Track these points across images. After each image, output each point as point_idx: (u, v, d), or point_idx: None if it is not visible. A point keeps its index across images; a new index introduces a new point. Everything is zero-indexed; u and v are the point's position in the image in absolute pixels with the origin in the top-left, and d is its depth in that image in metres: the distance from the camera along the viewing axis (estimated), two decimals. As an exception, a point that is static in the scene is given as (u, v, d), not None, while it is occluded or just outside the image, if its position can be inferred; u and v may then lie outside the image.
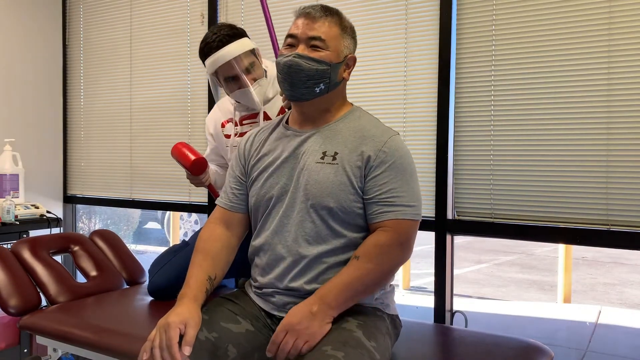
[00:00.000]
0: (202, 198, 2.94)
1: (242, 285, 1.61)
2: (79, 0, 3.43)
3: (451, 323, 2.29)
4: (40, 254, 2.17)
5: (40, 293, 2.08)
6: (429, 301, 3.28)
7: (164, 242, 7.78)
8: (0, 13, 3.16)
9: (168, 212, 7.49)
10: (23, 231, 2.87)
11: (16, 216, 2.86)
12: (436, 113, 2.26)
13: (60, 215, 3.32)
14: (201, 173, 1.94)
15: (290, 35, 1.45)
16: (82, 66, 3.44)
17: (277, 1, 2.59)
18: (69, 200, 3.52)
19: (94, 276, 2.25)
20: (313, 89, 1.42)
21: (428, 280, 5.59)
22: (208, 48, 1.90)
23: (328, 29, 1.42)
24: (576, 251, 6.28)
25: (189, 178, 1.98)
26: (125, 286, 2.33)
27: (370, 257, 1.37)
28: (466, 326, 2.17)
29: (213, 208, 1.62)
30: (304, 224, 1.41)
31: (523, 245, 7.66)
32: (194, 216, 7.49)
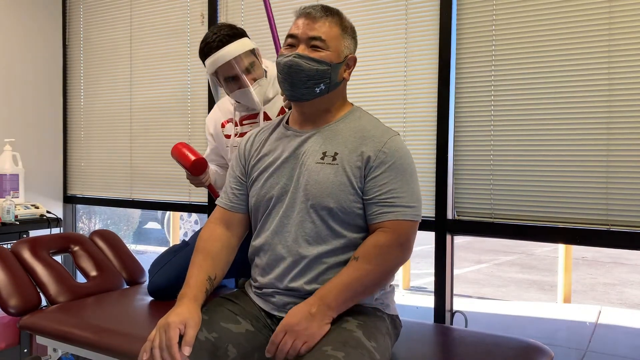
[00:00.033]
0: (202, 198, 2.94)
1: (242, 285, 1.61)
2: (79, 0, 3.43)
3: (451, 323, 2.29)
4: (40, 254, 2.17)
5: (40, 293, 2.08)
6: (429, 301, 3.28)
7: (164, 242, 7.78)
8: (0, 13, 3.17)
9: (168, 212, 7.49)
10: (23, 231, 2.87)
11: (16, 216, 2.86)
12: (436, 113, 2.26)
13: (60, 215, 3.32)
14: (201, 173, 1.95)
15: (290, 35, 1.45)
16: (82, 66, 3.44)
17: (278, 1, 2.59)
18: (69, 200, 3.52)
19: (94, 276, 2.25)
20: (313, 89, 1.42)
21: (428, 280, 5.59)
22: (208, 48, 1.90)
23: (328, 29, 1.42)
24: (576, 251, 6.28)
25: (189, 178, 1.98)
26: (125, 286, 2.33)
27: (369, 258, 1.37)
28: (466, 326, 2.17)
29: (213, 208, 1.62)
30: (304, 224, 1.41)
31: (523, 245, 7.66)
32: (194, 216, 7.49)
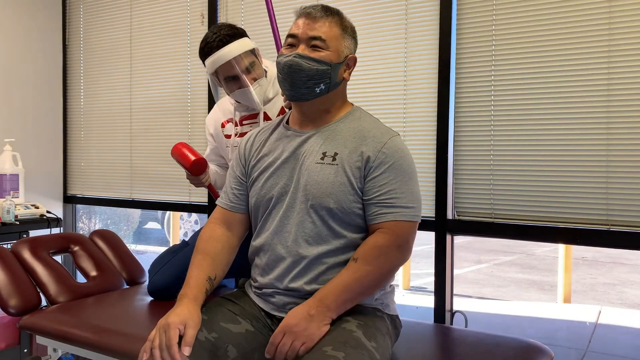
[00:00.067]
0: (202, 198, 2.94)
1: (242, 285, 1.61)
2: (79, 0, 3.43)
3: (451, 323, 2.29)
4: (40, 254, 2.17)
5: (40, 293, 2.09)
6: (429, 301, 3.28)
7: (164, 242, 7.78)
8: (0, 13, 3.17)
9: (168, 212, 7.49)
10: (23, 231, 2.87)
11: (16, 216, 2.86)
12: (436, 113, 2.26)
13: (60, 215, 3.32)
14: (201, 173, 1.95)
15: (290, 35, 1.45)
16: (82, 66, 3.44)
17: (279, 1, 2.59)
18: (69, 200, 3.52)
19: (94, 276, 2.25)
20: (313, 89, 1.42)
21: (428, 280, 5.59)
22: (208, 48, 1.90)
23: (329, 29, 1.42)
24: (576, 251, 6.28)
25: (189, 178, 1.98)
26: (125, 286, 2.33)
27: (368, 260, 1.37)
28: (466, 326, 2.17)
29: (213, 208, 1.62)
30: (304, 225, 1.41)
31: (523, 245, 7.66)
32: (194, 216, 7.49)
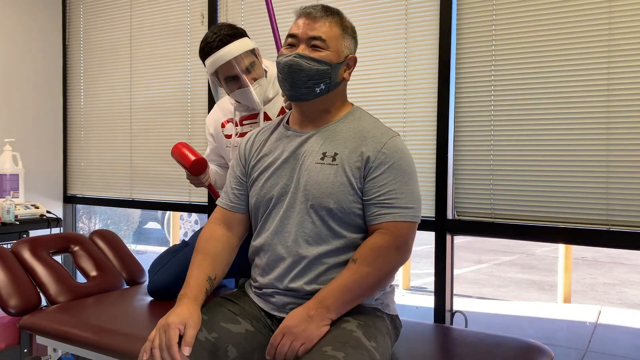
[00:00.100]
0: (202, 198, 2.94)
1: (242, 285, 1.61)
2: (79, 0, 3.43)
3: (451, 323, 2.29)
4: (40, 254, 2.17)
5: (40, 293, 2.08)
6: (429, 301, 3.28)
7: (164, 242, 7.78)
8: (0, 13, 3.17)
9: (168, 212, 7.49)
10: (23, 231, 2.87)
11: (16, 216, 2.86)
12: (436, 113, 2.26)
13: (60, 215, 3.32)
14: (201, 173, 1.95)
15: (290, 35, 1.45)
16: (82, 66, 3.44)
17: (279, 1, 2.59)
18: (69, 200, 3.52)
19: (94, 276, 2.25)
20: (313, 89, 1.42)
21: (428, 280, 5.59)
22: (208, 48, 1.90)
23: (329, 29, 1.42)
24: (576, 251, 6.28)
25: (189, 178, 1.98)
26: (125, 286, 2.33)
27: (367, 261, 1.37)
28: (466, 326, 2.17)
29: (213, 208, 1.62)
30: (304, 225, 1.41)
31: (523, 245, 7.66)
32: (194, 216, 7.49)
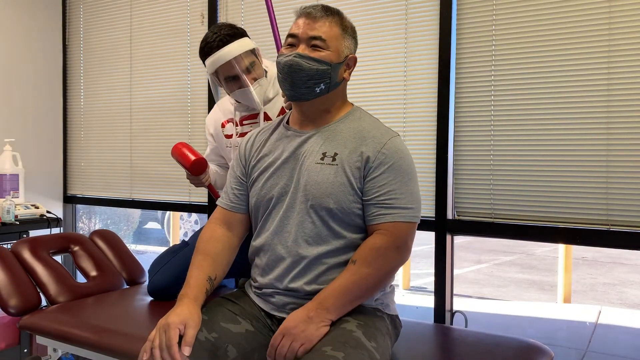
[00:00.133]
0: (202, 198, 2.94)
1: (242, 285, 1.61)
2: (79, 0, 3.43)
3: (451, 323, 2.29)
4: (40, 254, 2.17)
5: (40, 293, 2.08)
6: (429, 301, 3.28)
7: (164, 242, 7.78)
8: (0, 13, 3.17)
9: (168, 212, 7.49)
10: (23, 231, 2.87)
11: (16, 216, 2.86)
12: (436, 113, 2.26)
13: (60, 215, 3.32)
14: (201, 173, 1.95)
15: (290, 34, 1.45)
16: (82, 66, 3.44)
17: (279, 1, 2.59)
18: (69, 200, 3.52)
19: (94, 276, 2.25)
20: (313, 89, 1.42)
21: (428, 280, 5.59)
22: (208, 47, 1.89)
23: (329, 29, 1.42)
24: (576, 251, 6.28)
25: (189, 178, 1.98)
26: (125, 286, 2.33)
27: (367, 262, 1.37)
28: (466, 326, 2.17)
29: (213, 208, 1.62)
30: (304, 225, 1.41)
31: (523, 245, 7.66)
32: (194, 216, 7.49)
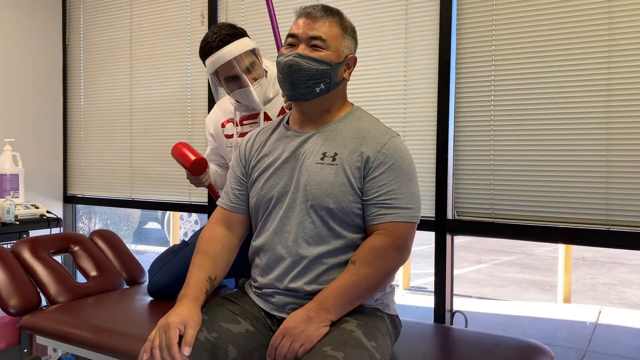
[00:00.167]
0: (202, 198, 2.94)
1: (242, 285, 1.61)
2: (79, 0, 3.43)
3: (451, 323, 2.29)
4: (40, 254, 2.17)
5: (40, 293, 2.08)
6: (429, 301, 3.28)
7: (164, 242, 7.78)
8: (0, 13, 3.16)
9: (168, 212, 7.49)
10: (23, 231, 2.87)
11: (16, 216, 2.86)
12: (436, 113, 2.26)
13: (60, 215, 3.32)
14: (201, 173, 1.95)
15: (290, 34, 1.45)
16: (82, 66, 3.44)
17: (279, 1, 2.59)
18: (69, 200, 3.52)
19: (94, 276, 2.25)
20: (313, 89, 1.42)
21: (428, 280, 5.59)
22: (209, 47, 1.89)
23: (329, 29, 1.42)
24: (576, 251, 6.28)
25: (189, 178, 1.98)
26: (125, 286, 2.33)
27: (367, 262, 1.37)
28: (466, 326, 2.17)
29: (213, 208, 1.62)
30: (304, 225, 1.41)
31: (523, 245, 7.66)
32: (194, 216, 7.49)
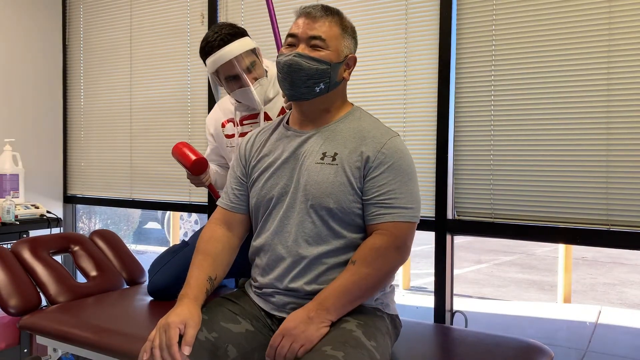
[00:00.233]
0: (202, 198, 2.94)
1: (242, 285, 1.61)
2: (79, 0, 3.43)
3: (451, 323, 2.29)
4: (40, 254, 2.17)
5: (40, 293, 2.08)
6: (429, 301, 3.28)
7: (164, 242, 7.78)
8: (0, 13, 3.16)
9: (168, 212, 7.49)
10: (23, 231, 2.87)
11: (16, 216, 2.86)
12: (436, 113, 2.26)
13: (60, 215, 3.31)
14: (201, 173, 1.95)
15: (290, 34, 1.45)
16: (82, 66, 3.44)
17: (279, 1, 2.59)
18: (69, 200, 3.52)
19: (94, 276, 2.25)
20: (313, 89, 1.42)
21: (428, 280, 5.59)
22: (209, 47, 1.90)
23: (328, 29, 1.42)
24: (576, 251, 6.28)
25: (190, 178, 1.98)
26: (125, 286, 2.33)
27: (367, 262, 1.37)
28: (466, 326, 2.17)
29: (213, 208, 1.62)
30: (304, 225, 1.41)
31: (523, 245, 7.66)
32: (194, 216, 7.49)
